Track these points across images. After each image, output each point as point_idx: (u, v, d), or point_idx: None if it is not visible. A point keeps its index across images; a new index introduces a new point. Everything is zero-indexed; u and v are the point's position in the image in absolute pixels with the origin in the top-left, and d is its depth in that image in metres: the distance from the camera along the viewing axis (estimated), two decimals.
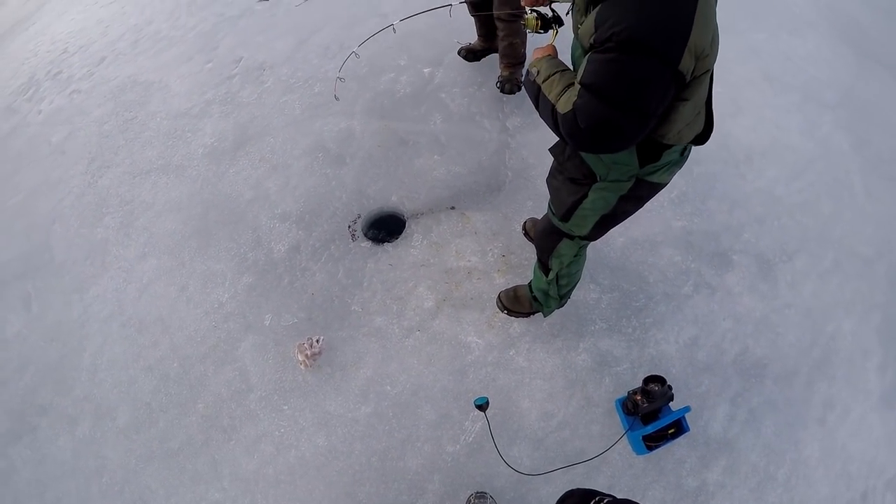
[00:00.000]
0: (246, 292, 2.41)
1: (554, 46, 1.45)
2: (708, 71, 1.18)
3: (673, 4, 1.05)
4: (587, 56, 1.15)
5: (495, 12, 2.47)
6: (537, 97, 1.34)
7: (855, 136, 2.93)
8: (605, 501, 1.07)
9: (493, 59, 2.87)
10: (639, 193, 1.47)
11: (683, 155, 1.41)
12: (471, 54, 2.90)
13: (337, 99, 2.59)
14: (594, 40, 1.11)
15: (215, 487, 2.04)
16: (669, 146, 1.31)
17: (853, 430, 2.15)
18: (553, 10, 1.59)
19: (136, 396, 2.27)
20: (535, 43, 1.74)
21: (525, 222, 2.45)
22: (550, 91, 1.28)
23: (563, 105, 1.21)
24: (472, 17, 2.71)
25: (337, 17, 3.40)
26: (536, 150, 2.65)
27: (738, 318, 2.30)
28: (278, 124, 2.90)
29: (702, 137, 1.36)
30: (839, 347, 2.29)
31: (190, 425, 2.16)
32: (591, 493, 1.13)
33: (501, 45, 2.65)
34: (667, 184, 1.48)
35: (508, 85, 2.77)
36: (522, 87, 2.82)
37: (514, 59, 2.70)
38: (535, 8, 1.57)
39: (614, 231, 1.74)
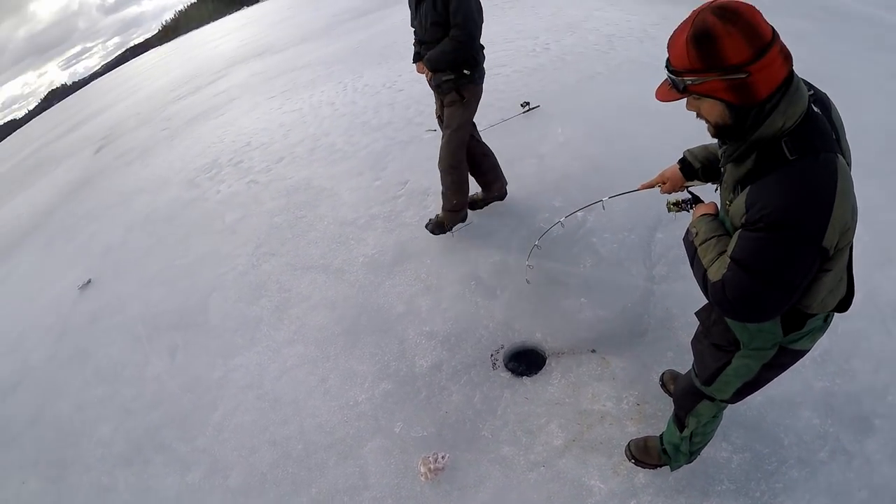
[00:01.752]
0: (382, 397, 2.51)
1: (715, 204, 1.55)
2: (849, 241, 1.24)
3: (816, 184, 1.14)
4: (738, 232, 1.25)
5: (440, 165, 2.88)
6: (693, 258, 1.44)
7: None
8: None
9: (649, 204, 2.88)
10: (782, 361, 1.48)
11: (826, 321, 1.43)
12: (471, 204, 3.20)
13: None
14: (745, 220, 1.21)
15: None
16: (813, 315, 1.34)
17: None
18: (691, 193, 1.73)
19: (254, 464, 2.35)
20: None
21: (663, 374, 2.43)
22: (705, 255, 1.38)
23: (714, 273, 1.30)
24: None
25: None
26: (680, 301, 2.68)
27: (875, 489, 2.05)
28: (436, 248, 3.15)
29: (844, 304, 1.38)
30: None
31: None
32: None
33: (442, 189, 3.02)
34: (809, 350, 1.48)
35: (431, 225, 3.14)
36: (442, 229, 3.15)
37: (446, 206, 3.06)
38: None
39: None
